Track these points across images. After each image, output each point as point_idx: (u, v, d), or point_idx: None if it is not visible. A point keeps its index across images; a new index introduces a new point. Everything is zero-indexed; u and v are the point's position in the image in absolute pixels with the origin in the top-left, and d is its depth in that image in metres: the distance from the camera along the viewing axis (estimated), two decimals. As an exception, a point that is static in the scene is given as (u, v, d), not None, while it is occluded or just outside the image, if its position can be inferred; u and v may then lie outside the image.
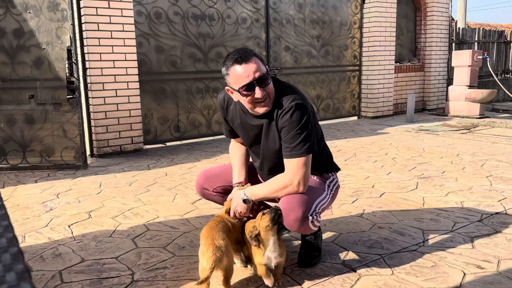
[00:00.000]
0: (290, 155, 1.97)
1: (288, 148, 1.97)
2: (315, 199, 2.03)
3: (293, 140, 1.95)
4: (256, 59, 1.97)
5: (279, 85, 2.05)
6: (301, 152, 1.95)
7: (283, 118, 1.97)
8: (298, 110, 1.94)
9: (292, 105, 1.94)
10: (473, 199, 3.25)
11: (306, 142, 1.95)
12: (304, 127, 1.95)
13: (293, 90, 2.03)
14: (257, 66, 1.94)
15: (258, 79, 1.93)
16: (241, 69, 1.94)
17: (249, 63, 1.93)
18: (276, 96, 2.01)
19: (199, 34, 5.96)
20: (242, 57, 1.94)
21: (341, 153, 5.03)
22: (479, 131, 6.31)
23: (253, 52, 2.00)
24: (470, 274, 2.10)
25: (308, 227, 2.00)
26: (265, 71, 1.97)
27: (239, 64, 1.94)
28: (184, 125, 6.01)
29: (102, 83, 5.05)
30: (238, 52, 1.98)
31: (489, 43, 10.56)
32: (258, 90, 1.95)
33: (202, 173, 2.40)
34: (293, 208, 1.94)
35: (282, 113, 1.97)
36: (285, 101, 1.97)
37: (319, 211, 2.05)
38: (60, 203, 3.43)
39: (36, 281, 2.15)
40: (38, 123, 4.54)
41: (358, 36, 7.85)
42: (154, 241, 2.63)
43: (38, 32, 4.43)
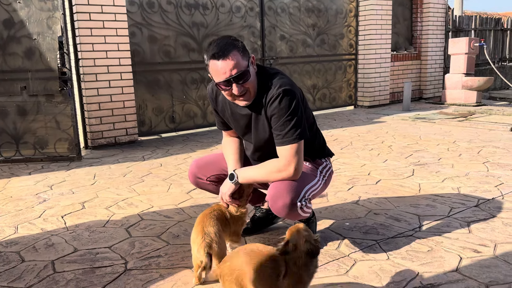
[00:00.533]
0: (282, 142, 1.93)
1: (280, 135, 1.94)
2: (305, 185, 2.01)
3: (284, 127, 1.92)
4: (236, 53, 1.86)
5: (265, 72, 2.00)
6: (293, 139, 1.91)
7: (272, 106, 1.92)
8: (286, 96, 1.90)
9: (280, 92, 1.90)
10: (470, 185, 3.23)
11: (297, 128, 1.91)
12: (294, 113, 1.91)
13: (280, 76, 1.98)
14: (234, 63, 1.85)
15: (236, 76, 1.87)
16: (218, 65, 1.86)
17: (227, 59, 1.84)
18: (263, 84, 1.97)
19: (192, 24, 5.89)
20: (219, 53, 1.84)
21: (337, 142, 5.00)
22: (476, 118, 6.29)
23: (234, 45, 1.87)
24: (466, 258, 2.08)
25: (297, 213, 1.98)
26: (244, 67, 1.87)
27: (216, 59, 1.86)
28: (179, 116, 5.96)
29: (95, 74, 4.99)
30: (218, 44, 1.87)
31: (486, 31, 10.51)
32: (235, 86, 1.90)
33: (195, 162, 2.37)
34: (281, 195, 1.91)
35: (271, 100, 1.92)
36: (273, 88, 1.93)
37: (309, 197, 2.02)
38: (53, 194, 3.40)
39: (28, 271, 2.12)
40: (30, 115, 4.48)
41: (354, 24, 7.78)
42: (148, 230, 2.60)
43: (29, 22, 4.37)
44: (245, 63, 1.89)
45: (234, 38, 1.93)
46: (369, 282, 1.90)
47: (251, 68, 1.94)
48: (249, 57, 1.94)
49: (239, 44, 1.90)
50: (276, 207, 1.94)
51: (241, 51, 1.88)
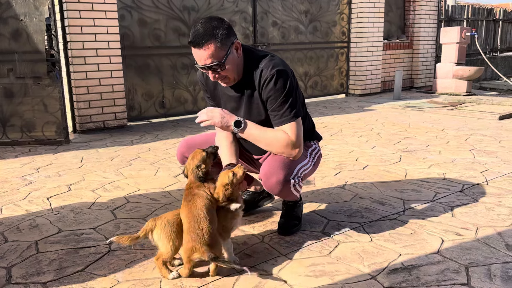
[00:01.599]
0: (281, 122, 1.95)
1: (277, 115, 1.95)
2: (297, 164, 2.03)
3: (281, 107, 1.93)
4: (212, 44, 1.82)
5: (254, 54, 1.99)
6: (290, 117, 1.94)
7: (267, 88, 1.92)
8: (280, 77, 1.91)
9: (274, 73, 1.90)
10: (456, 171, 3.26)
11: (293, 108, 1.94)
12: (289, 93, 1.93)
13: (271, 57, 1.98)
14: (208, 54, 1.83)
15: (209, 66, 1.86)
16: (194, 52, 1.87)
17: (201, 49, 1.84)
18: (252, 66, 1.96)
19: (183, 7, 5.83)
20: (195, 41, 1.83)
21: (327, 129, 5.00)
22: (465, 107, 6.32)
23: (212, 34, 1.82)
24: (448, 241, 2.11)
25: (290, 191, 1.99)
26: (219, 58, 1.85)
27: (193, 47, 1.86)
28: (169, 101, 5.93)
29: (83, 57, 4.93)
30: (197, 31, 1.84)
31: (478, 21, 10.53)
32: (211, 74, 1.91)
33: (184, 141, 2.35)
34: (274, 171, 1.93)
35: (265, 82, 1.92)
36: (265, 70, 1.92)
37: (301, 176, 2.04)
38: (40, 177, 3.37)
39: (11, 251, 2.12)
40: (18, 98, 4.43)
41: (346, 12, 7.75)
42: (133, 213, 2.59)
43: (15, 3, 4.29)
44: (222, 53, 1.86)
45: (216, 24, 1.86)
46: (351, 263, 1.92)
47: (233, 55, 1.90)
48: (231, 44, 1.89)
49: (218, 33, 1.84)
50: (269, 183, 1.95)
51: (219, 41, 1.84)
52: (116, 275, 1.87)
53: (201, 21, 1.88)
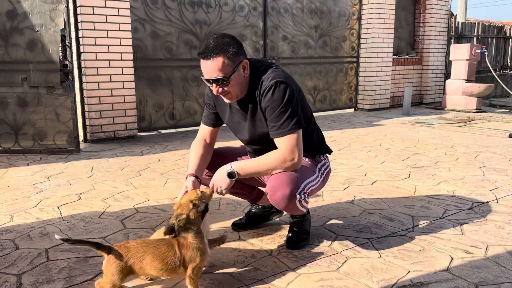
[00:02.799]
0: (278, 133, 1.94)
1: (275, 127, 1.95)
2: (304, 179, 2.02)
3: (279, 118, 1.93)
4: (220, 59, 1.86)
5: (258, 70, 2.02)
6: (288, 129, 1.92)
7: (265, 98, 1.94)
8: (278, 87, 1.92)
9: (272, 84, 1.92)
10: (465, 188, 3.25)
11: (292, 118, 1.92)
12: (288, 103, 1.92)
13: (273, 70, 2.00)
14: (215, 68, 1.87)
15: (214, 79, 1.90)
16: (202, 63, 1.91)
17: (209, 61, 1.87)
18: (256, 82, 1.99)
19: (195, 21, 5.91)
20: (205, 53, 1.87)
21: (335, 143, 5.01)
22: (475, 124, 6.30)
23: (223, 49, 1.87)
24: (457, 259, 2.10)
25: (296, 206, 1.99)
26: (225, 73, 1.88)
27: (201, 58, 1.91)
28: (179, 112, 5.98)
29: (96, 67, 5.01)
30: (209, 44, 1.88)
31: (488, 39, 10.53)
32: (214, 87, 1.94)
33: None
34: (280, 186, 1.93)
35: (264, 93, 1.94)
36: (265, 81, 1.95)
37: (307, 192, 2.03)
38: (50, 185, 3.41)
39: (22, 258, 2.14)
40: (31, 106, 4.50)
41: (356, 27, 7.80)
42: (142, 223, 2.61)
43: (32, 14, 4.39)
44: (229, 69, 1.89)
45: (229, 41, 1.90)
46: (359, 279, 1.91)
47: (239, 73, 1.94)
48: (239, 62, 1.92)
49: (230, 49, 1.88)
50: (275, 198, 1.95)
51: (227, 56, 1.88)
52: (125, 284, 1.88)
53: (214, 36, 1.92)
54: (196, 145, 2.22)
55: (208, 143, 2.25)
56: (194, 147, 2.21)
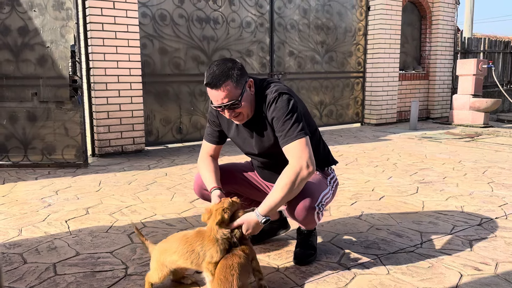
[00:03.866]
0: (286, 141, 1.95)
1: (282, 135, 1.97)
2: (321, 191, 2.08)
3: (285, 126, 1.96)
4: (228, 84, 1.89)
5: (262, 87, 2.06)
6: (295, 135, 1.93)
7: (271, 110, 1.99)
8: (281, 97, 1.97)
9: (275, 95, 1.97)
10: (474, 204, 3.22)
11: (298, 124, 1.95)
12: (293, 111, 1.96)
13: (275, 84, 2.05)
14: (226, 94, 1.90)
15: (226, 104, 1.93)
16: (211, 93, 1.94)
17: (218, 90, 1.91)
18: (261, 98, 2.03)
19: (203, 37, 5.98)
20: (212, 82, 1.90)
21: (342, 158, 5.00)
22: (483, 139, 6.27)
23: (228, 75, 1.89)
24: (467, 276, 2.07)
25: (313, 219, 2.03)
26: (236, 97, 1.92)
27: (210, 88, 1.94)
28: (186, 127, 6.02)
29: (105, 83, 5.07)
30: (213, 73, 1.90)
31: (495, 53, 10.54)
32: (227, 112, 1.99)
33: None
34: (301, 197, 1.97)
35: (268, 105, 1.99)
36: (269, 95, 2.00)
37: (324, 204, 2.08)
38: (58, 199, 3.43)
39: (30, 272, 2.14)
40: (40, 121, 4.55)
41: (362, 42, 7.85)
42: (150, 237, 2.61)
43: (43, 31, 4.47)
44: (238, 92, 1.93)
45: (231, 65, 1.93)
46: (368, 296, 1.89)
47: (247, 93, 1.98)
48: (245, 82, 1.97)
49: (233, 74, 1.91)
50: (295, 210, 1.99)
51: (234, 80, 1.91)
52: None
53: (215, 63, 1.95)
54: (205, 161, 2.25)
55: (213, 158, 2.28)
56: (203, 163, 2.24)
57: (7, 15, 4.38)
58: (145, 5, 5.45)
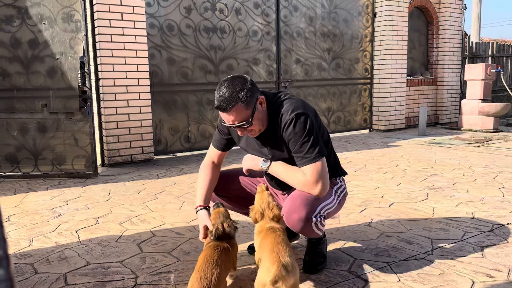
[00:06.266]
0: (303, 162, 1.96)
1: (300, 157, 1.97)
2: (321, 202, 2.02)
3: (303, 148, 1.96)
4: (238, 107, 1.90)
5: (275, 102, 2.06)
6: (313, 158, 1.95)
7: (287, 132, 1.98)
8: (299, 120, 1.95)
9: (293, 117, 1.95)
10: (484, 210, 3.19)
11: (315, 147, 1.95)
12: (309, 133, 1.96)
13: (291, 101, 2.03)
14: (236, 115, 1.91)
15: (237, 125, 1.96)
16: (222, 115, 1.97)
17: (229, 113, 1.92)
18: (275, 114, 2.03)
19: (210, 46, 6.03)
20: (222, 107, 1.91)
21: (351, 165, 4.99)
22: (493, 144, 6.22)
23: (237, 98, 1.88)
24: (479, 283, 2.05)
25: (312, 229, 1.98)
26: (246, 117, 1.93)
27: (220, 111, 1.95)
28: (195, 136, 6.04)
29: (114, 93, 5.12)
30: (222, 96, 1.90)
31: (503, 58, 10.47)
32: (238, 130, 2.03)
33: None
34: (296, 209, 1.93)
35: (285, 126, 1.98)
36: (285, 115, 1.98)
37: (323, 215, 2.03)
38: (69, 209, 3.46)
39: (41, 282, 2.16)
40: (50, 132, 4.60)
41: (369, 49, 7.85)
42: (159, 246, 2.62)
43: (52, 43, 4.53)
44: (248, 113, 1.94)
45: (240, 87, 1.91)
46: (378, 304, 1.88)
47: (258, 111, 1.98)
48: (255, 100, 1.96)
49: (243, 95, 1.90)
50: (291, 220, 1.96)
51: (244, 102, 1.91)
52: None
53: (225, 84, 1.94)
54: (205, 169, 2.30)
55: (216, 164, 2.33)
56: (203, 171, 2.30)
57: (17, 28, 4.46)
58: (152, 16, 5.51)
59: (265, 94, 2.07)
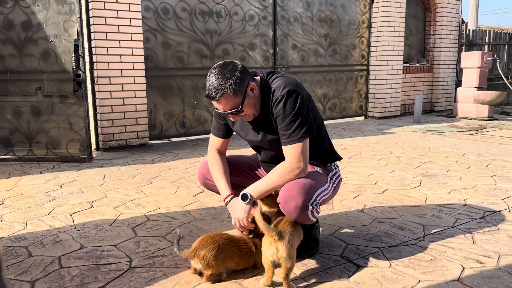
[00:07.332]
0: (288, 141, 1.97)
1: (285, 135, 1.98)
2: (317, 189, 2.03)
3: (289, 127, 1.96)
4: (227, 96, 1.90)
5: (268, 82, 2.05)
6: (298, 138, 1.95)
7: (277, 108, 1.98)
8: (290, 97, 1.95)
9: (284, 93, 1.95)
10: (477, 197, 3.22)
11: (302, 127, 1.95)
12: (299, 112, 1.95)
13: (284, 78, 2.03)
14: (225, 104, 1.93)
15: (228, 112, 1.97)
16: (212, 102, 1.99)
17: (218, 102, 1.94)
18: (267, 94, 2.02)
19: (206, 31, 5.98)
20: (212, 95, 1.92)
21: (345, 151, 5.00)
22: (487, 132, 6.25)
23: (225, 87, 1.89)
24: (469, 269, 2.08)
25: (307, 217, 1.99)
26: (236, 105, 1.94)
27: (209, 99, 1.97)
28: (190, 121, 6.03)
29: (108, 77, 5.08)
30: (211, 85, 1.91)
31: (500, 46, 10.46)
32: (231, 117, 2.04)
33: (205, 163, 2.40)
34: (293, 196, 1.94)
35: (276, 102, 1.98)
36: (277, 91, 1.98)
37: (319, 202, 2.04)
38: (63, 193, 3.46)
39: (35, 265, 2.17)
40: (44, 115, 4.58)
41: (366, 35, 7.81)
42: (153, 231, 2.64)
43: (46, 25, 4.48)
44: (238, 100, 1.94)
45: (229, 75, 1.90)
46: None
47: (249, 97, 1.98)
48: (246, 88, 1.95)
49: (231, 84, 1.90)
50: (287, 208, 1.96)
51: (233, 91, 1.90)
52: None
53: (214, 72, 1.93)
54: (215, 160, 2.26)
55: (221, 154, 2.31)
56: (214, 163, 2.25)
57: (10, 10, 4.39)
58: (148, -2, 5.45)
59: (258, 76, 2.06)
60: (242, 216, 2.01)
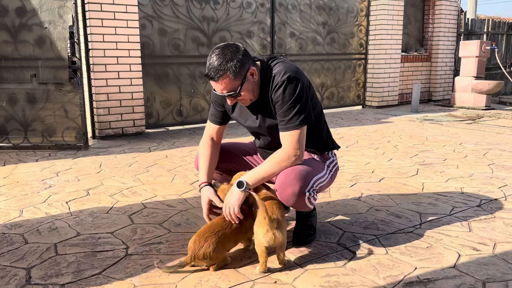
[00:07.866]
0: (286, 128, 1.96)
1: (283, 121, 1.96)
2: (313, 176, 2.02)
3: (288, 113, 1.94)
4: (226, 77, 1.88)
5: (269, 67, 2.03)
6: (296, 125, 1.94)
7: (276, 93, 1.96)
8: (290, 84, 1.93)
9: (284, 79, 1.93)
10: (473, 186, 3.22)
11: (300, 114, 1.94)
12: (298, 99, 1.94)
13: (286, 64, 2.01)
14: (224, 86, 1.91)
15: (226, 94, 1.96)
16: (211, 82, 1.96)
17: (217, 82, 1.92)
18: (267, 79, 2.00)
19: (203, 18, 5.92)
20: (211, 75, 1.90)
21: (343, 140, 5.00)
22: (484, 121, 6.25)
23: (226, 68, 1.87)
24: (465, 256, 2.08)
25: (304, 203, 1.99)
26: (235, 88, 1.92)
27: (208, 79, 1.94)
28: (187, 109, 6.00)
29: (104, 64, 5.03)
30: (212, 65, 1.88)
31: (498, 35, 10.42)
32: (228, 100, 2.01)
33: None
34: (290, 183, 1.93)
35: (275, 88, 1.96)
36: (277, 76, 1.96)
37: (316, 189, 2.04)
38: (59, 181, 3.44)
39: (31, 252, 2.16)
40: (39, 103, 4.54)
41: (364, 24, 7.76)
42: (150, 218, 2.63)
43: (41, 11, 4.42)
44: (237, 83, 1.92)
45: (230, 56, 1.88)
46: (366, 275, 1.91)
47: (248, 82, 1.96)
48: (246, 72, 1.93)
49: (232, 66, 1.87)
50: (284, 195, 1.96)
51: (233, 73, 1.88)
52: (132, 279, 1.90)
53: (216, 52, 1.91)
54: (205, 145, 2.25)
55: (215, 141, 2.28)
56: (203, 147, 2.25)
57: (4, -5, 4.33)
58: (144, -15, 5.38)
59: (259, 61, 2.04)
60: (235, 204, 1.94)
